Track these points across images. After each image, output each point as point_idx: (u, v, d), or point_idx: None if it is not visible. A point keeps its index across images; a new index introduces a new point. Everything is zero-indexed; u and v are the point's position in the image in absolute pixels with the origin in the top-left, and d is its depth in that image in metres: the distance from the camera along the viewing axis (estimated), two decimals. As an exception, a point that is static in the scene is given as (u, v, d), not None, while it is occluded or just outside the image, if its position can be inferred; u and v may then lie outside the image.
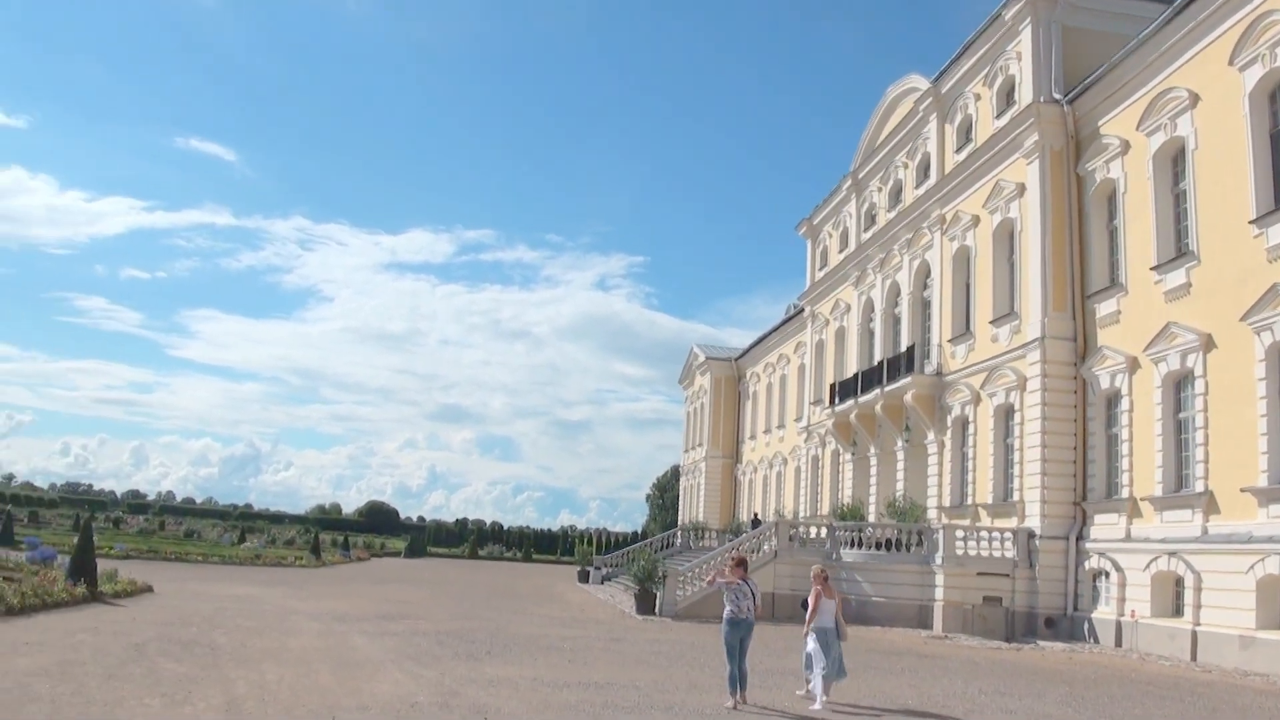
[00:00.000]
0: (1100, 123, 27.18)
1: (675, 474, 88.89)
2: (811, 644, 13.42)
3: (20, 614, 17.53)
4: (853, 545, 29.44)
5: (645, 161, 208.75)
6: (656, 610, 28.69)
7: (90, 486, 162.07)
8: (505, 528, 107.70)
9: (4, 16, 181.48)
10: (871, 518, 35.20)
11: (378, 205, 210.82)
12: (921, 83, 36.38)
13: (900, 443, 35.49)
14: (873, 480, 37.96)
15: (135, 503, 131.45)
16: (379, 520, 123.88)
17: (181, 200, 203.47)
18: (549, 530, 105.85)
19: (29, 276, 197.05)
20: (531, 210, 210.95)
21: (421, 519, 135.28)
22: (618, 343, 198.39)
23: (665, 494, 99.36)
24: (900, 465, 35.58)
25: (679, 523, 63.57)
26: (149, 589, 24.53)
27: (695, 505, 65.02)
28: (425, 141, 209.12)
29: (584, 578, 46.72)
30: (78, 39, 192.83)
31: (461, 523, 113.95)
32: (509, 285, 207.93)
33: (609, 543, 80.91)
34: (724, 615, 13.14)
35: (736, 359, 64.01)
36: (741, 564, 13.56)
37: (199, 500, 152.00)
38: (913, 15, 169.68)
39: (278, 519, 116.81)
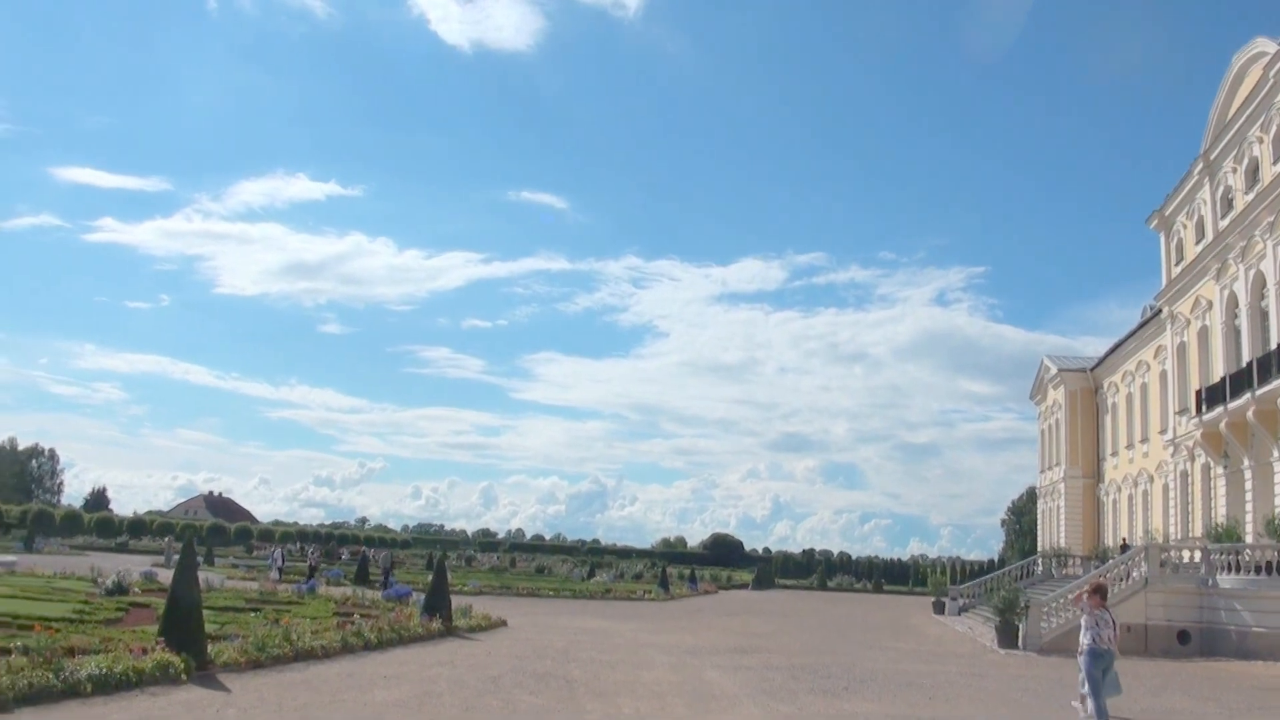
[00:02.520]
0: None
1: (1031, 496, 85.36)
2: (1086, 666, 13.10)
3: (378, 649, 19.10)
4: (1230, 570, 27.47)
5: (978, 168, 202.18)
6: (1019, 644, 27.99)
7: (442, 527, 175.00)
8: (853, 558, 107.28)
9: (336, 99, 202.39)
10: (1249, 538, 32.57)
11: (707, 238, 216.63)
12: (1269, 45, 33.49)
13: (1276, 453, 32.68)
14: (1248, 496, 35.07)
15: (486, 541, 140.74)
16: (724, 552, 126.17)
17: (517, 250, 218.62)
18: (899, 560, 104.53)
19: (375, 333, 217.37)
20: (862, 229, 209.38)
21: (767, 550, 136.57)
22: (962, 360, 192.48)
23: (1022, 518, 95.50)
24: (1278, 478, 32.73)
25: (1038, 549, 61.01)
26: (503, 623, 26.10)
27: (1055, 530, 62.07)
28: (749, 171, 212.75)
29: (939, 609, 45.94)
30: (406, 109, 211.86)
31: (808, 553, 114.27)
32: (844, 307, 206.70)
33: (963, 572, 78.86)
34: (1084, 646, 12.85)
35: (1091, 369, 60.67)
36: (1098, 591, 13.28)
37: (548, 537, 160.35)
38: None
39: (625, 553, 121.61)
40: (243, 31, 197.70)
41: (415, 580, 42.36)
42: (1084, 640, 12.87)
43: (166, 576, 28.05)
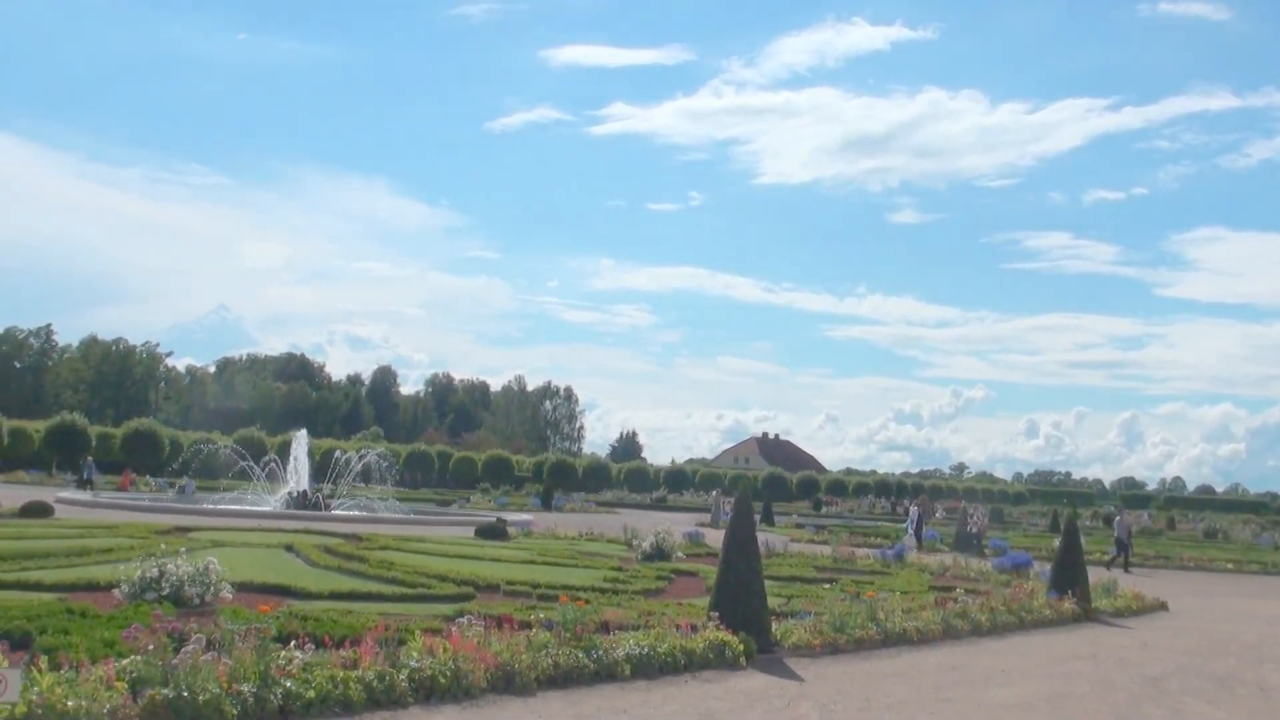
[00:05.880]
0: None
1: None
2: None
3: (990, 634, 19.23)
4: None
5: None
6: None
7: (1067, 475, 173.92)
8: None
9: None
10: None
11: None
12: None
13: None
14: None
15: (1131, 493, 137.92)
16: None
17: (1158, 87, 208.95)
18: None
19: (964, 220, 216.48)
20: None
21: None
22: None
23: None
24: None
25: None
26: (1161, 606, 25.55)
27: None
28: None
29: None
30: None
31: None
32: None
33: None
34: None
35: None
36: None
37: (1219, 489, 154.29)
38: None
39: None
40: None
41: (1035, 545, 42.08)
42: None
43: (715, 538, 29.65)
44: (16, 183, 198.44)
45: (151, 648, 9.84)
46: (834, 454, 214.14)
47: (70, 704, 8.71)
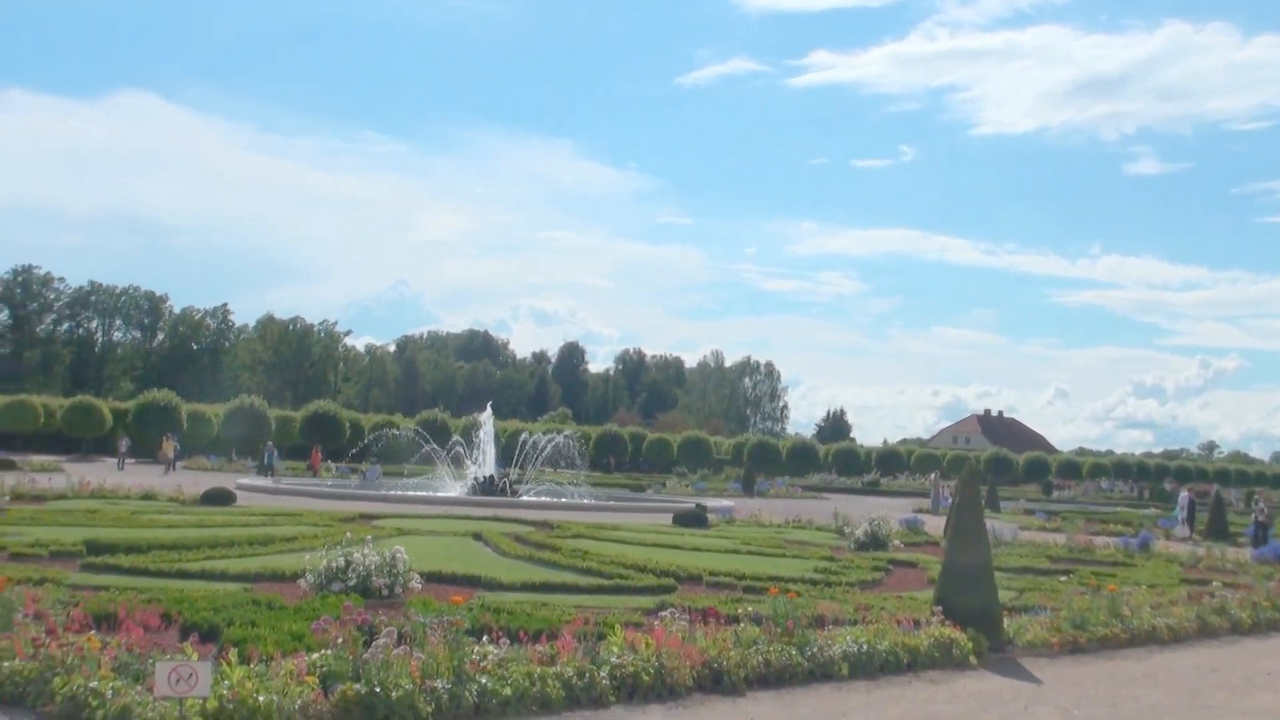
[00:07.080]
0: None
1: None
2: None
3: (1252, 633, 18.67)
4: None
5: None
6: None
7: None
8: None
9: None
10: None
11: None
12: None
13: None
14: None
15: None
16: None
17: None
18: None
19: (1212, 169, 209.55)
20: None
21: None
22: None
23: None
24: None
25: None
26: None
27: None
28: None
29: None
30: None
31: None
32: None
33: None
34: None
35: None
36: None
37: None
38: None
39: None
40: None
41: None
42: None
43: (935, 525, 29.32)
44: (188, 157, 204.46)
45: (341, 641, 10.09)
46: (1065, 433, 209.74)
47: (261, 699, 9.00)
